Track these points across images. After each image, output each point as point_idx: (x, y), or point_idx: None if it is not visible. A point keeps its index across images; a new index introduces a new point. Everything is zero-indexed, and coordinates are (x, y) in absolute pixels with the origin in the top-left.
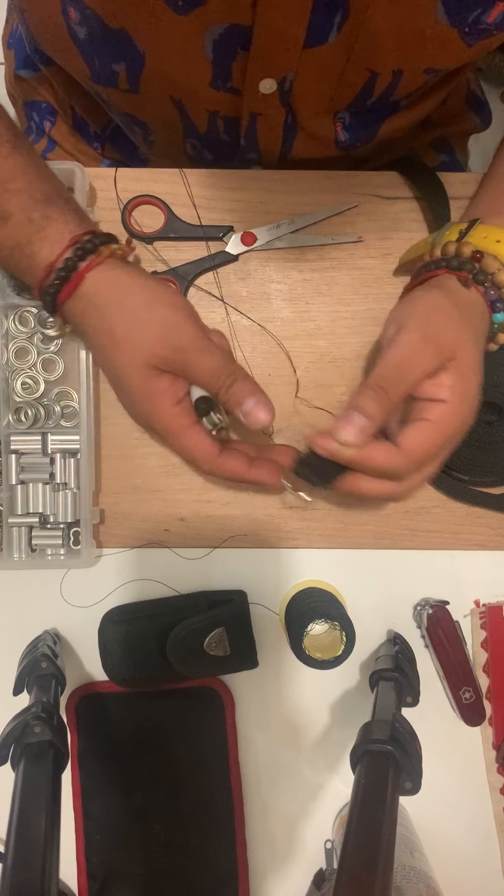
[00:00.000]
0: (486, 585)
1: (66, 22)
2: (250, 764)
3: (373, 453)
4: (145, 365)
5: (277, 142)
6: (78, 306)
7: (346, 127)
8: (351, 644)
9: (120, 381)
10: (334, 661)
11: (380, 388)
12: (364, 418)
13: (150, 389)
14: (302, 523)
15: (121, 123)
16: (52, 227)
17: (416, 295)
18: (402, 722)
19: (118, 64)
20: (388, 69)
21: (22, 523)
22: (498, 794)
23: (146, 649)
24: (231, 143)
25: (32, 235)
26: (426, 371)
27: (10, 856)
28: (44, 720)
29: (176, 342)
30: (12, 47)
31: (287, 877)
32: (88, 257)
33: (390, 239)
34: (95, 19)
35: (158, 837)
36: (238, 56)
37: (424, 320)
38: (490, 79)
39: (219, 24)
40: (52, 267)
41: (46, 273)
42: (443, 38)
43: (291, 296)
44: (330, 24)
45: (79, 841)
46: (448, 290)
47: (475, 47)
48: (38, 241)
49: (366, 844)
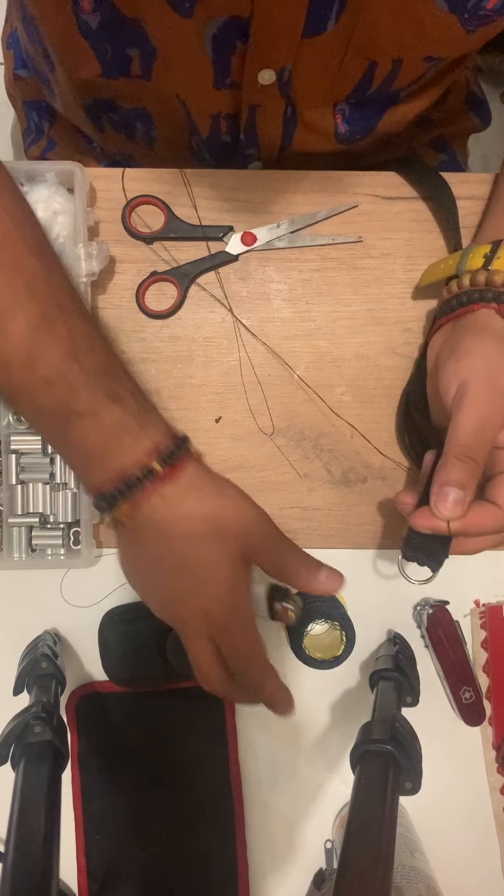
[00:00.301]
0: (486, 585)
1: (77, 16)
2: (250, 764)
3: (477, 520)
4: (240, 557)
5: (277, 135)
6: (171, 491)
7: (345, 119)
8: (351, 644)
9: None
10: (334, 661)
11: (466, 456)
12: (459, 490)
13: (241, 579)
14: (302, 523)
15: (119, 127)
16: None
17: (469, 347)
18: (402, 722)
19: (132, 49)
20: (388, 58)
21: (22, 523)
22: (498, 794)
23: (146, 649)
24: (232, 143)
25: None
26: (503, 425)
27: (10, 856)
28: (44, 720)
29: (264, 540)
30: (12, 47)
31: (287, 877)
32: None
33: (390, 239)
34: (110, 6)
35: (158, 837)
36: (237, 49)
37: (487, 376)
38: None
39: (219, 17)
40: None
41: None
42: (442, 24)
43: (291, 296)
44: (328, 12)
45: (79, 841)
46: (497, 333)
47: (475, 35)
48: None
49: (366, 844)
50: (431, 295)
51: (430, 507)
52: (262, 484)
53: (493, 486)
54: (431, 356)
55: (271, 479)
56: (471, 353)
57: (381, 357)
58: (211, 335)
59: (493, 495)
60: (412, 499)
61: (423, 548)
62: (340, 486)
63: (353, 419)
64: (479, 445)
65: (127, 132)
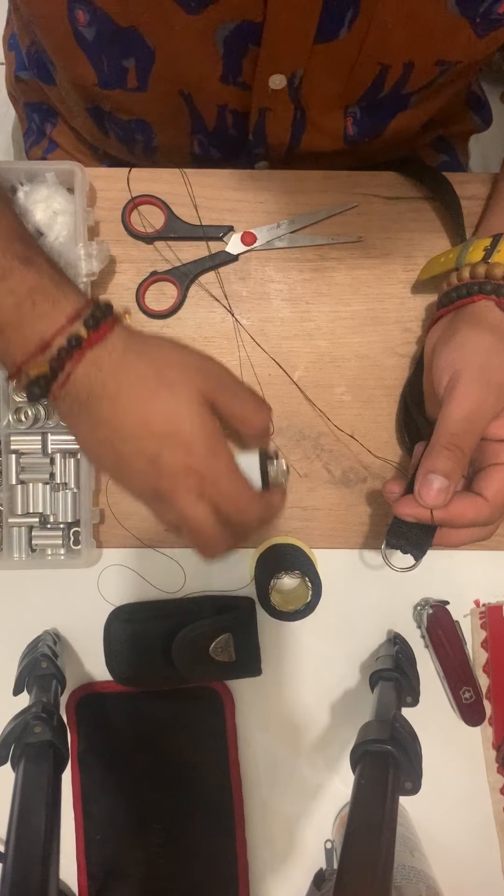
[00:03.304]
0: (486, 585)
1: (73, 26)
2: (250, 764)
3: (461, 510)
4: (200, 403)
5: (286, 137)
6: (105, 357)
7: (356, 122)
8: (318, 592)
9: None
10: (305, 608)
11: (452, 445)
12: (443, 479)
13: (208, 421)
14: (302, 523)
15: (120, 137)
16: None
17: (464, 338)
18: (402, 722)
19: (128, 60)
20: (399, 62)
21: (22, 523)
22: (498, 794)
23: (151, 649)
24: (239, 137)
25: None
26: (492, 418)
27: (10, 856)
28: (44, 720)
29: (217, 383)
30: (13, 48)
31: (287, 877)
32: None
33: (390, 239)
34: (105, 19)
35: (158, 837)
36: (249, 52)
37: (479, 367)
38: (490, 79)
39: (230, 21)
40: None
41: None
42: (454, 29)
43: (291, 296)
44: (341, 19)
45: (79, 841)
46: (494, 326)
47: (486, 39)
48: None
49: (366, 844)
50: (431, 294)
51: (414, 495)
52: None
53: (480, 477)
54: (428, 347)
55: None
56: (466, 345)
57: (381, 357)
58: (211, 335)
59: (479, 487)
60: (399, 487)
61: (407, 536)
62: (340, 486)
63: (353, 419)
64: (467, 436)
65: (127, 144)
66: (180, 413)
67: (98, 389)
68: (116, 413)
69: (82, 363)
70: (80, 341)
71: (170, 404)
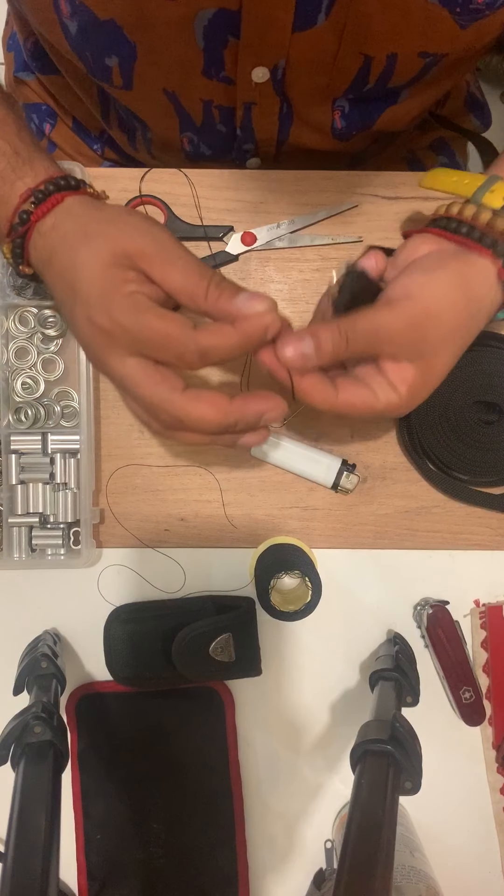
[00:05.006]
0: (486, 585)
1: (59, 18)
2: (250, 764)
3: (311, 391)
4: (111, 253)
5: (273, 131)
6: (54, 219)
7: (343, 115)
8: (317, 594)
9: (78, 283)
10: (305, 609)
11: (347, 337)
12: (313, 349)
13: (114, 277)
14: (302, 523)
15: (124, 119)
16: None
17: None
18: (402, 722)
19: (110, 58)
20: (382, 53)
21: (22, 523)
22: (498, 794)
23: (151, 649)
24: (228, 133)
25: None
26: (395, 355)
27: (10, 856)
28: (44, 720)
29: (150, 243)
30: (12, 49)
31: (287, 877)
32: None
33: (390, 239)
34: (85, 11)
35: (158, 837)
36: (229, 44)
37: (426, 309)
38: (489, 79)
39: (208, 9)
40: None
41: (25, 198)
42: (434, 18)
43: (291, 296)
44: (318, 5)
45: (79, 841)
46: (469, 280)
47: (470, 30)
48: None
49: (366, 844)
50: None
51: (276, 346)
52: (263, 484)
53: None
54: (407, 255)
55: (271, 478)
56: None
57: None
58: None
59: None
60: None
61: None
62: None
63: (353, 418)
64: (363, 342)
65: (129, 133)
66: (83, 266)
67: (45, 256)
68: (52, 276)
69: (32, 236)
70: (28, 215)
71: (77, 258)
